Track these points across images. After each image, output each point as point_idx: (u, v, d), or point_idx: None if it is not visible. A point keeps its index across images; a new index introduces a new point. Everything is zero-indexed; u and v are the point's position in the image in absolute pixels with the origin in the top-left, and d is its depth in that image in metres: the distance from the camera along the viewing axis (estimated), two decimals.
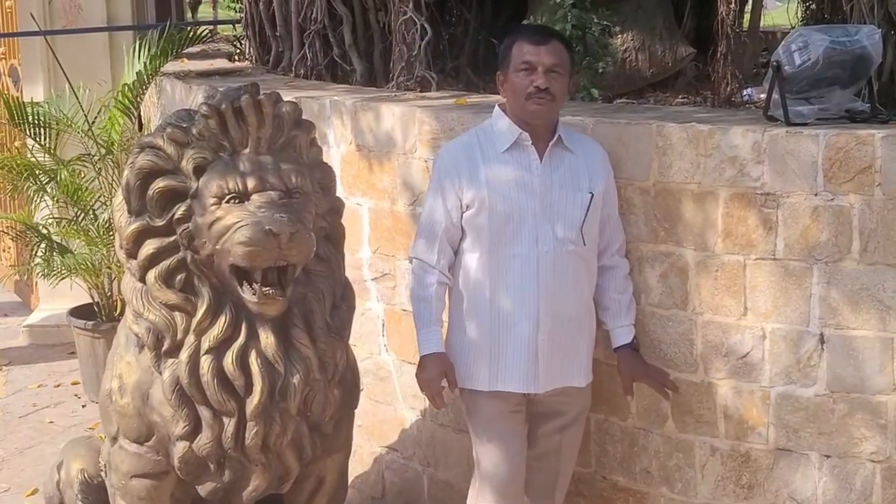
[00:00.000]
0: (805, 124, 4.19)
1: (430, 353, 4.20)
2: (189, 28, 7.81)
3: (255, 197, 3.74)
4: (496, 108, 4.29)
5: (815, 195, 4.08)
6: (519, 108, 4.14)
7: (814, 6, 7.13)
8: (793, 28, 6.79)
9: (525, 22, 5.94)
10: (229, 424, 3.86)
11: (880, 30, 4.91)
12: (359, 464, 5.48)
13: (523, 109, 4.12)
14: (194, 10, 22.90)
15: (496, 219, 4.11)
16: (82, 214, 7.24)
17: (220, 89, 3.98)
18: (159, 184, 3.80)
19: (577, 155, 4.22)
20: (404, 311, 5.25)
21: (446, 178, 4.20)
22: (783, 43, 4.38)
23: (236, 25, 8.88)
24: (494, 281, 4.15)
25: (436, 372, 4.18)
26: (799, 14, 7.49)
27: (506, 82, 4.19)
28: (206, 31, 8.33)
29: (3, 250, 9.73)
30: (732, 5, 5.79)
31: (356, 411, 4.44)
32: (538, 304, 4.12)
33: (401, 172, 5.13)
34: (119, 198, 3.93)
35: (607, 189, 4.27)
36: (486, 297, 4.17)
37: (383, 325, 5.38)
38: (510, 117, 4.19)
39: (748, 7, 6.93)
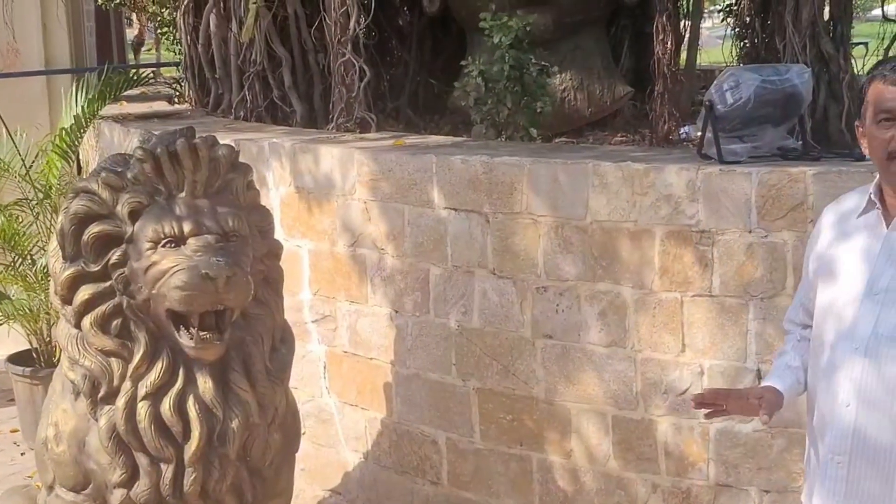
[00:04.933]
0: (738, 162, 4.25)
1: None
2: (130, 71, 7.78)
3: (191, 241, 3.71)
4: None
5: (750, 232, 4.12)
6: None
7: (749, 45, 7.25)
8: (727, 66, 6.90)
9: (463, 63, 5.98)
10: (167, 471, 3.81)
11: (811, 68, 5.00)
12: None
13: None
14: (137, 52, 22.82)
15: None
16: (20, 260, 7.14)
17: (156, 133, 3.96)
18: (94, 229, 3.76)
19: None
20: (345, 352, 5.25)
21: None
22: (715, 82, 4.45)
23: (179, 67, 8.86)
24: None
25: None
26: (734, 52, 7.61)
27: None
28: (149, 73, 8.29)
29: None
30: (669, 45, 5.88)
31: (298, 455, 4.40)
32: None
33: (340, 214, 5.13)
34: (54, 243, 3.88)
35: None
36: None
37: (325, 367, 5.36)
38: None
39: (685, 46, 7.02)
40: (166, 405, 3.76)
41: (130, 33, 21.43)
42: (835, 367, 2.86)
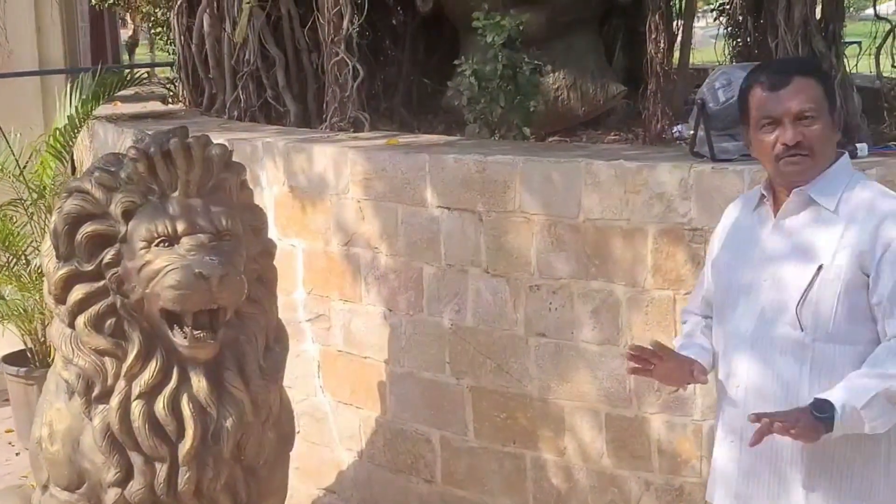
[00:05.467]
0: (730, 160, 4.26)
1: None
2: (124, 71, 7.78)
3: (184, 240, 3.72)
4: None
5: None
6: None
7: (741, 44, 7.27)
8: (720, 65, 6.91)
9: (456, 62, 5.99)
10: (161, 470, 3.82)
11: None
12: None
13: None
14: (131, 52, 22.82)
15: None
16: (14, 260, 7.14)
17: (150, 133, 3.97)
18: (87, 228, 3.76)
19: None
20: (339, 351, 5.26)
21: None
22: (707, 81, 4.47)
23: (173, 67, 8.86)
24: None
25: None
26: (727, 51, 7.62)
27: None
28: (143, 73, 8.29)
29: None
30: (662, 44, 5.89)
31: (292, 453, 4.41)
32: None
33: (334, 213, 5.14)
34: (47, 243, 3.89)
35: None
36: None
37: (319, 366, 5.37)
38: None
39: (678, 45, 7.03)
40: (160, 404, 3.77)
41: (124, 34, 21.42)
42: (729, 354, 3.08)
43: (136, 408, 3.75)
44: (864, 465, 2.92)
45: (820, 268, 2.90)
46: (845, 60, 6.17)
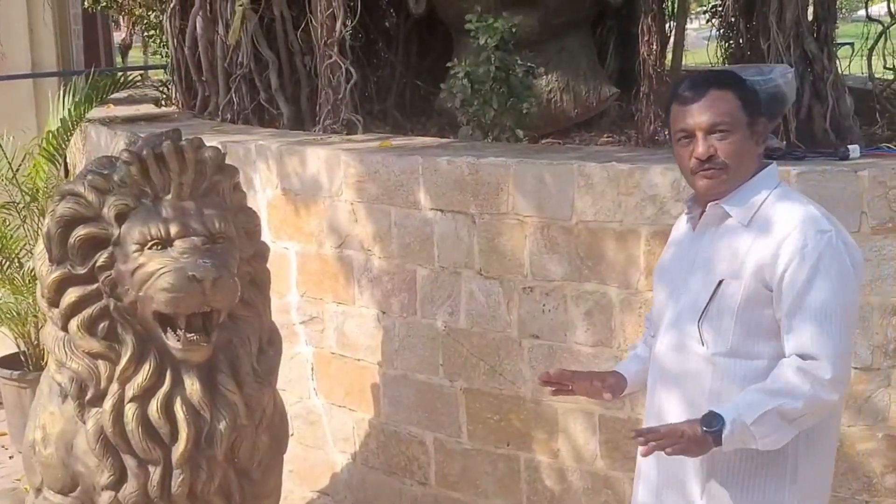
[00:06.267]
0: None
1: None
2: (117, 74, 7.77)
3: (177, 243, 3.72)
4: None
5: None
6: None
7: (734, 45, 7.28)
8: (713, 67, 6.93)
9: (449, 64, 5.99)
10: (155, 473, 3.82)
11: (795, 68, 5.03)
12: None
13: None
14: (124, 54, 22.77)
15: None
16: (7, 263, 7.14)
17: (142, 135, 3.97)
18: (80, 231, 3.76)
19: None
20: (333, 354, 5.26)
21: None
22: None
23: (166, 70, 8.85)
24: None
25: None
26: (719, 53, 7.64)
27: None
28: (136, 76, 8.29)
29: None
30: (654, 46, 5.91)
31: (286, 456, 4.41)
32: None
33: (327, 215, 5.14)
34: (40, 246, 3.89)
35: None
36: None
37: (312, 368, 5.37)
38: None
39: (670, 47, 7.05)
40: (154, 407, 3.77)
41: (118, 36, 21.39)
42: (651, 364, 3.10)
43: (130, 411, 3.75)
44: (765, 481, 2.88)
45: (720, 282, 2.87)
46: (837, 62, 6.19)
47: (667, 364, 3.00)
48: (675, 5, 7.33)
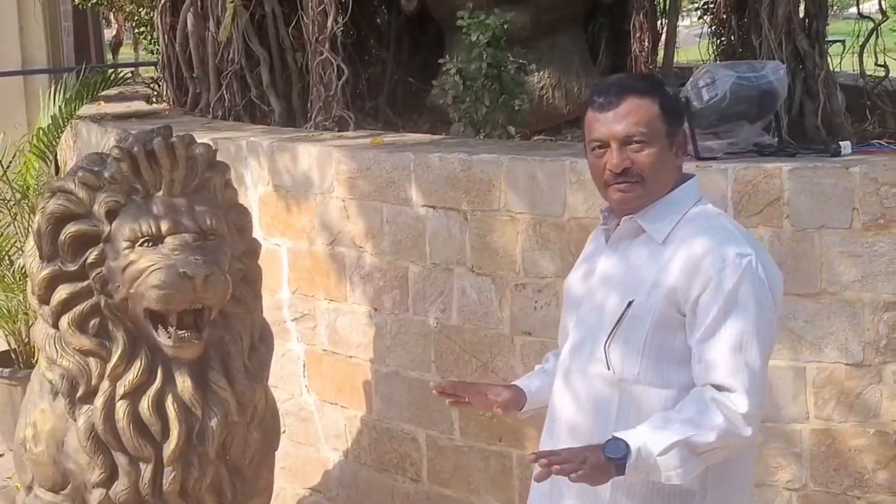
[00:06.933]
0: (714, 158, 4.27)
1: None
2: (108, 70, 7.75)
3: (168, 240, 3.71)
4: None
5: None
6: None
7: (725, 42, 7.29)
8: (704, 63, 6.93)
9: (441, 61, 5.99)
10: (146, 470, 3.81)
11: (786, 65, 5.03)
12: None
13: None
14: (115, 51, 22.75)
15: None
16: None
17: (133, 132, 3.96)
18: (71, 228, 3.75)
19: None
20: (325, 351, 5.25)
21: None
22: (691, 79, 4.47)
23: (157, 67, 8.84)
24: None
25: None
26: (711, 50, 7.64)
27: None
28: (126, 73, 8.26)
29: None
30: (646, 43, 5.92)
31: (277, 453, 4.41)
32: None
33: (318, 212, 5.13)
34: (31, 243, 3.88)
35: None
36: None
37: (304, 365, 5.36)
38: None
39: (662, 43, 7.05)
40: (145, 404, 3.76)
41: (108, 33, 21.36)
42: (555, 384, 2.92)
43: (121, 408, 3.75)
44: None
45: (630, 304, 2.70)
46: (829, 59, 6.19)
47: (573, 385, 2.82)
48: (667, 2, 7.33)
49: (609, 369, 2.72)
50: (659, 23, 7.12)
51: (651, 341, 2.68)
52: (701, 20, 8.19)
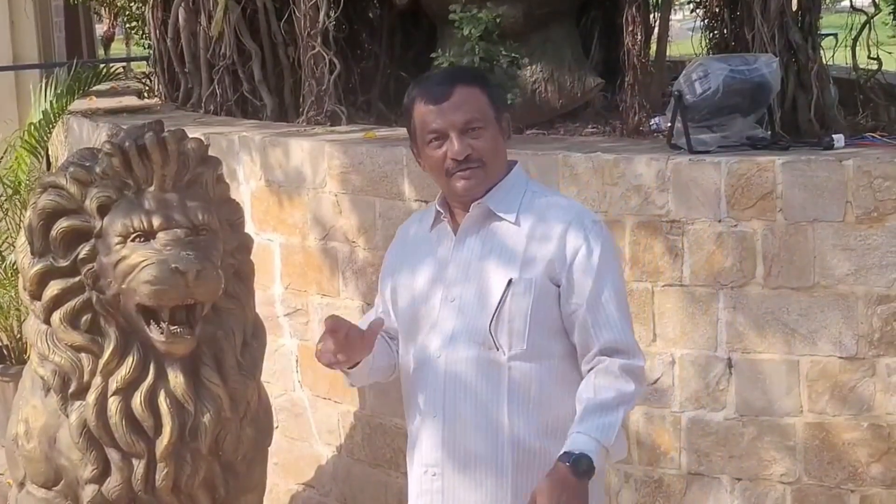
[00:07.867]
0: (707, 152, 4.27)
1: None
2: (100, 66, 7.73)
3: (160, 235, 3.71)
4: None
5: (719, 222, 4.14)
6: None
7: (718, 35, 7.27)
8: (697, 57, 6.92)
9: (433, 55, 5.97)
10: (139, 466, 3.81)
11: (779, 58, 5.02)
12: (275, 502, 5.43)
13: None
14: (107, 46, 22.69)
15: None
16: None
17: (124, 127, 3.95)
18: (62, 224, 3.75)
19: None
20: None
21: None
22: (684, 72, 4.47)
23: (148, 62, 8.81)
24: None
25: None
26: (704, 43, 7.62)
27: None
28: (118, 68, 8.24)
29: None
30: (639, 36, 5.88)
31: (271, 449, 4.40)
32: None
33: (311, 207, 5.12)
34: (22, 239, 3.88)
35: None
36: None
37: (297, 361, 5.35)
38: None
39: (655, 37, 7.03)
40: (137, 400, 3.76)
41: (100, 28, 21.31)
42: (420, 379, 2.91)
43: (113, 404, 3.75)
44: None
45: (510, 282, 2.77)
46: (822, 52, 6.18)
47: (450, 373, 2.81)
48: None
49: (498, 349, 2.78)
50: (652, 16, 7.09)
51: (535, 315, 2.77)
52: (693, 13, 8.18)
